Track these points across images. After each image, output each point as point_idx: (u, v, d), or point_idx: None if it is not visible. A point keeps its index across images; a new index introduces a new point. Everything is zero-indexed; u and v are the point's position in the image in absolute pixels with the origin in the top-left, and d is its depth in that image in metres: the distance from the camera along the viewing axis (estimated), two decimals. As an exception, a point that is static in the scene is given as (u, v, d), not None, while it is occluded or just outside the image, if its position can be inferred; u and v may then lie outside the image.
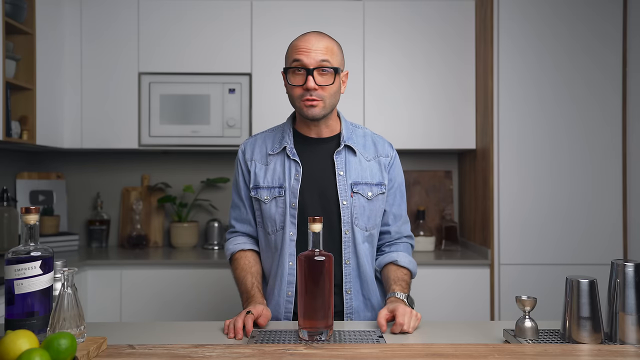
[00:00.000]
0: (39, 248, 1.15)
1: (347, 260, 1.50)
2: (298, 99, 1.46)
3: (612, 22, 2.58)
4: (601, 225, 2.57)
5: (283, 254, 1.50)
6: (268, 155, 1.55)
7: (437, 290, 2.58)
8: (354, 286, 1.52)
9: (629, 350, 1.10)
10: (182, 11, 2.83)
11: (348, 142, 1.54)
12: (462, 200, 3.14)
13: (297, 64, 1.44)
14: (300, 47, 1.45)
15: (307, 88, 1.43)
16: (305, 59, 1.43)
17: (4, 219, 2.53)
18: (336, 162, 1.52)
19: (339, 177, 1.51)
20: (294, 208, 1.49)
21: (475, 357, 1.07)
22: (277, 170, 1.52)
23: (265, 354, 1.08)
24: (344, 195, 1.50)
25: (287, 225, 1.49)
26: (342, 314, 1.51)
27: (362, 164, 1.54)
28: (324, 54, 1.44)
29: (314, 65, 1.43)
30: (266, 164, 1.54)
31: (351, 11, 2.84)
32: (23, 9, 2.43)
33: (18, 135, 2.45)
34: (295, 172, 1.51)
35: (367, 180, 1.53)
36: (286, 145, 1.53)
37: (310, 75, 1.43)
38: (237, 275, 1.55)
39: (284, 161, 1.53)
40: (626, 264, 1.15)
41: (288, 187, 1.50)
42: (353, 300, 1.51)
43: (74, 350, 0.96)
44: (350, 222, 1.50)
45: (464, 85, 2.85)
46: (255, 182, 1.54)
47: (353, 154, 1.54)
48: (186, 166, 3.19)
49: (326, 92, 1.45)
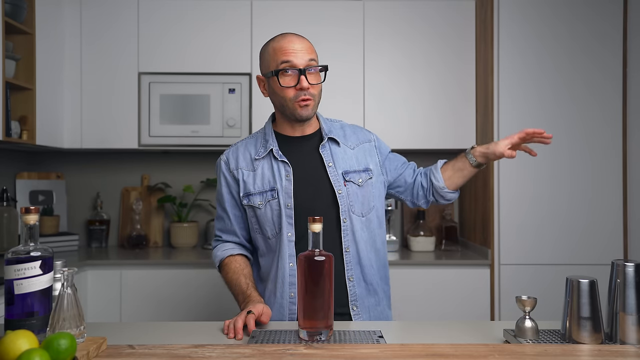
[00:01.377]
0: (39, 248, 1.15)
1: (347, 248, 1.51)
2: (292, 100, 1.47)
3: (612, 22, 2.58)
4: (601, 225, 2.56)
5: (282, 255, 1.50)
6: (254, 160, 1.55)
7: (437, 290, 2.58)
8: (355, 273, 1.52)
9: (629, 351, 1.10)
10: (182, 11, 2.83)
11: (330, 134, 1.57)
12: (462, 200, 3.14)
13: (287, 65, 1.45)
14: (286, 49, 1.46)
15: (302, 88, 1.45)
16: (295, 59, 1.45)
17: (4, 219, 2.53)
18: (323, 155, 1.54)
19: (330, 169, 1.53)
20: (290, 208, 1.49)
21: (475, 357, 1.07)
22: (266, 174, 1.53)
23: (265, 354, 1.08)
24: (338, 184, 1.52)
25: (284, 226, 1.49)
26: (348, 303, 1.51)
27: (346, 153, 1.57)
28: (309, 53, 1.48)
29: (304, 65, 1.46)
30: (253, 170, 1.54)
31: (351, 11, 2.84)
32: (23, 9, 2.42)
33: (18, 135, 2.45)
34: (286, 172, 1.51)
35: (355, 168, 1.56)
36: (272, 147, 1.54)
37: (302, 75, 1.45)
38: (229, 279, 1.54)
39: (271, 164, 1.53)
40: (626, 264, 1.15)
41: (281, 188, 1.50)
42: (356, 287, 1.52)
43: (73, 351, 0.96)
44: (348, 210, 1.52)
45: (464, 86, 2.85)
46: (246, 189, 1.54)
47: (337, 145, 1.57)
48: (186, 166, 3.19)
49: (316, 90, 1.50)
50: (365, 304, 1.53)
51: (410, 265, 2.59)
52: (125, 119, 2.82)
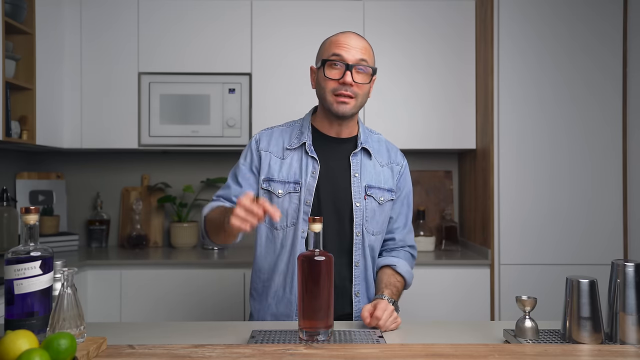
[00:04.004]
0: (39, 248, 1.15)
1: (357, 263, 1.50)
2: (331, 92, 1.46)
3: (612, 22, 2.58)
4: (601, 225, 2.56)
5: (294, 251, 1.48)
6: (285, 149, 1.53)
7: (437, 290, 2.58)
8: (362, 289, 1.52)
9: (629, 351, 1.10)
10: (182, 11, 2.83)
11: (365, 144, 1.54)
12: (462, 200, 3.14)
13: (337, 58, 1.45)
14: (341, 42, 1.46)
15: (344, 82, 1.44)
16: (346, 54, 1.44)
17: (4, 219, 2.53)
18: (352, 164, 1.52)
19: (354, 179, 1.51)
20: (308, 205, 1.48)
21: (475, 357, 1.07)
22: (294, 166, 1.51)
23: (265, 354, 1.08)
24: (358, 197, 1.50)
25: (299, 222, 1.48)
26: (352, 317, 1.51)
27: (376, 168, 1.55)
28: (363, 53, 1.46)
29: (353, 61, 1.44)
30: (282, 158, 1.53)
31: (351, 11, 2.84)
32: (23, 9, 2.42)
33: (18, 135, 2.45)
34: (313, 169, 1.50)
35: (380, 185, 1.53)
36: (305, 141, 1.52)
37: (348, 71, 1.43)
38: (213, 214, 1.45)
39: (301, 157, 1.52)
40: (626, 264, 1.15)
41: (304, 183, 1.49)
42: (361, 303, 1.52)
43: (73, 351, 0.96)
44: (362, 225, 1.50)
45: (464, 86, 2.85)
46: (269, 174, 1.52)
47: (369, 157, 1.55)
48: (186, 166, 3.19)
49: (360, 90, 1.47)
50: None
51: (410, 265, 2.59)
52: (125, 119, 2.82)
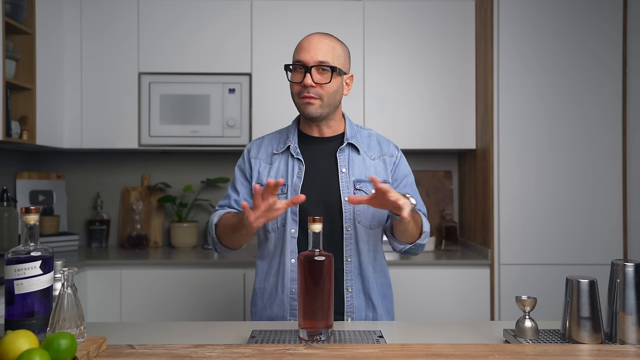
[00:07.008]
0: (39, 248, 1.15)
1: (348, 258, 1.51)
2: (296, 95, 1.51)
3: (612, 22, 2.58)
4: (601, 225, 2.56)
5: (284, 251, 1.51)
6: (273, 154, 1.59)
7: (437, 290, 2.58)
8: (355, 284, 1.52)
9: (629, 350, 1.10)
10: (182, 11, 2.83)
11: (351, 140, 1.56)
12: (462, 200, 3.14)
13: (298, 63, 1.49)
14: (301, 46, 1.50)
15: (304, 85, 1.47)
16: (305, 56, 1.47)
17: (4, 219, 2.53)
18: (339, 159, 1.54)
19: (342, 174, 1.53)
20: (295, 205, 1.49)
21: (475, 357, 1.07)
22: (281, 169, 1.55)
23: (265, 354, 1.08)
24: (346, 192, 1.51)
25: (288, 222, 1.51)
26: (343, 314, 1.51)
27: (365, 162, 1.56)
28: (323, 53, 1.48)
29: (312, 63, 1.47)
30: (270, 163, 1.58)
31: (351, 11, 2.84)
32: (23, 9, 2.43)
33: (18, 135, 2.45)
34: (298, 170, 1.53)
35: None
36: (290, 144, 1.56)
37: (308, 73, 1.46)
38: (224, 221, 1.52)
39: (287, 160, 1.56)
40: (626, 264, 1.15)
41: (290, 184, 1.52)
42: (354, 299, 1.51)
43: (74, 350, 0.96)
44: (352, 219, 1.51)
45: (464, 86, 2.85)
46: (259, 180, 1.56)
47: (356, 153, 1.56)
48: (186, 166, 3.19)
49: (324, 90, 1.48)
50: (363, 316, 1.53)
51: (410, 265, 2.59)
52: (125, 119, 2.82)
